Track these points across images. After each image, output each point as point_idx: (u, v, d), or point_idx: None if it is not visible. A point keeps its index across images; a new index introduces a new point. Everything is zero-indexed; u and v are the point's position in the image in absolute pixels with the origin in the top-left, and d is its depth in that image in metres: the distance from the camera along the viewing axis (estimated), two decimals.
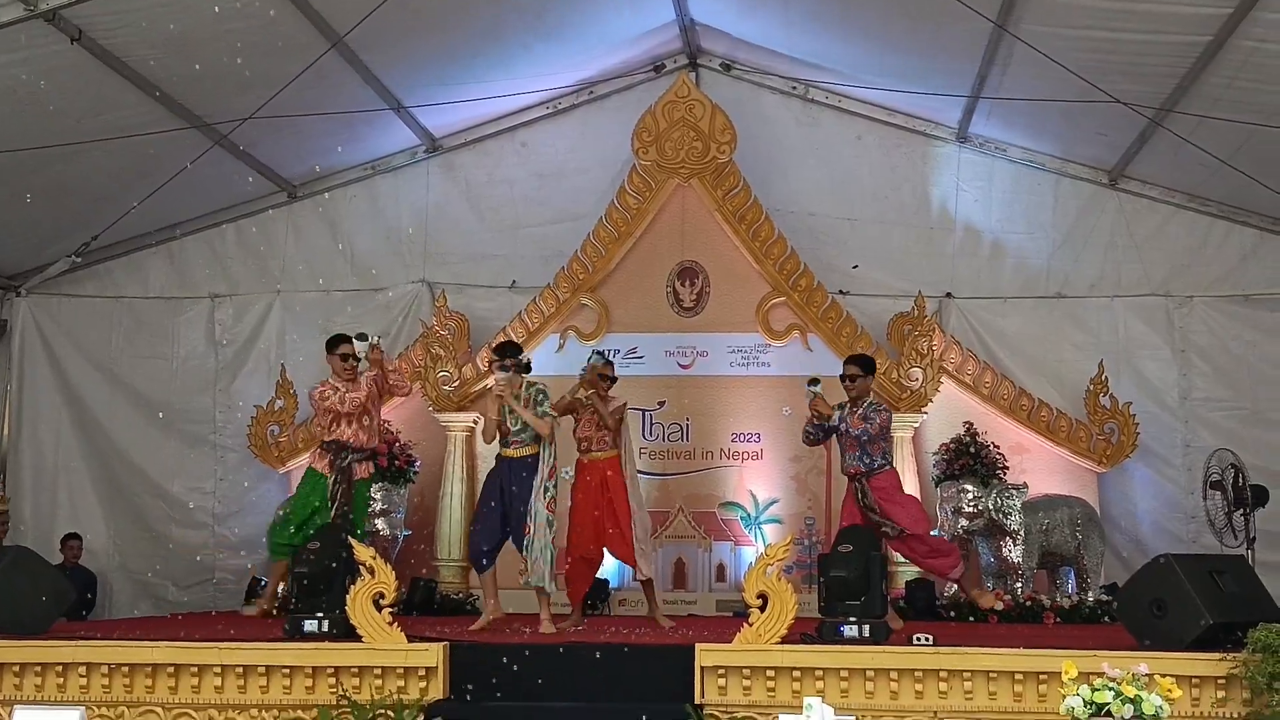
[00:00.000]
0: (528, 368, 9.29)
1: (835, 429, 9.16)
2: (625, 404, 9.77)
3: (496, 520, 9.08)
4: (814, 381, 9.27)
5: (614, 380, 9.72)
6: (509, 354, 9.14)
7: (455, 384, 11.81)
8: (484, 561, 9.12)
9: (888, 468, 9.22)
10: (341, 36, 9.89)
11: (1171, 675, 5.19)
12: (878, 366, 9.90)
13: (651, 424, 11.98)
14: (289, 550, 9.28)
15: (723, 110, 12.07)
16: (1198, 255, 11.99)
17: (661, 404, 12.00)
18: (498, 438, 9.24)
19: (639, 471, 10.49)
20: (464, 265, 12.62)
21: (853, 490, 9.22)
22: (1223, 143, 10.17)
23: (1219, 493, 10.55)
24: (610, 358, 9.93)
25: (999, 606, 10.31)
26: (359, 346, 9.49)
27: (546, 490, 9.02)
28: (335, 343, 9.64)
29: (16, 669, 7.62)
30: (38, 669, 7.60)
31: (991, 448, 11.29)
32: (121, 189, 11.06)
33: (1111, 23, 9.23)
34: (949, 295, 12.22)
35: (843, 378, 9.23)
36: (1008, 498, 10.87)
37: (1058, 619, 10.53)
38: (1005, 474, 11.23)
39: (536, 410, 9.06)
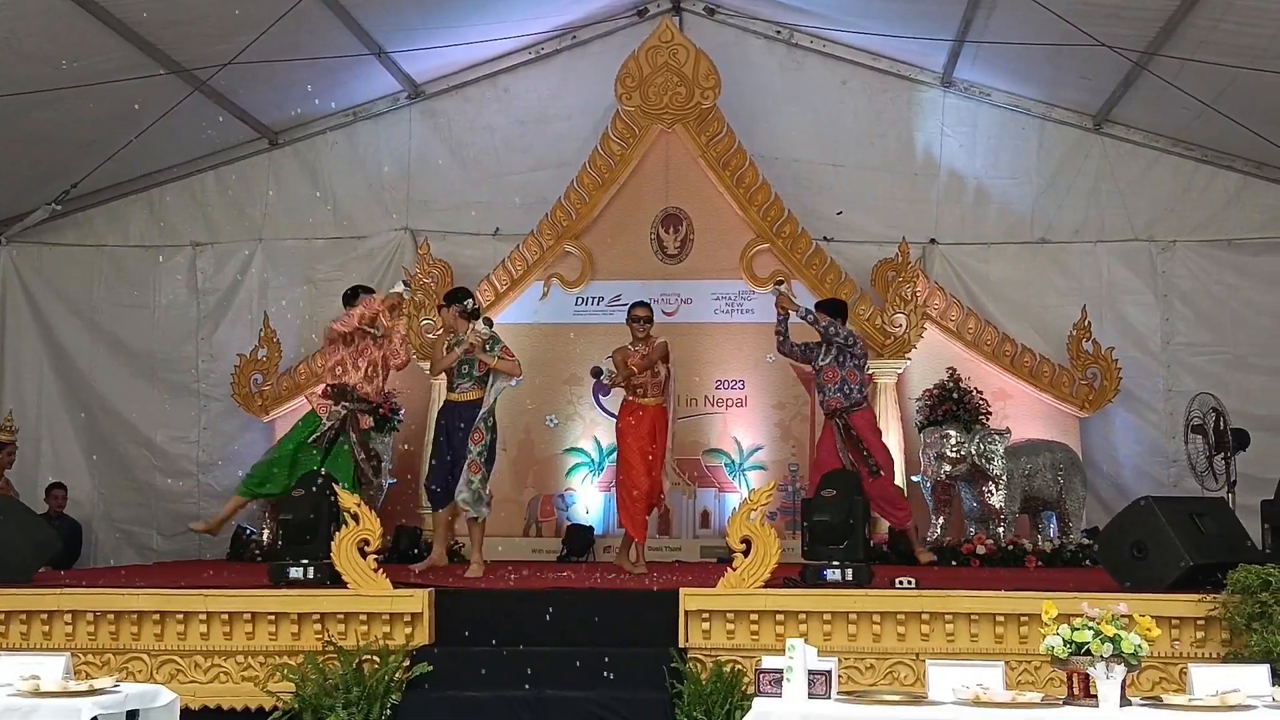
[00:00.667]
0: (478, 314, 9.33)
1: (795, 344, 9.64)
2: (665, 343, 9.95)
3: (447, 463, 9.12)
4: (780, 282, 9.77)
5: (647, 321, 9.85)
6: (472, 304, 9.26)
7: (438, 332, 11.76)
8: (435, 504, 9.26)
9: (866, 405, 9.38)
10: None
11: (1151, 616, 5.22)
12: (851, 313, 10.01)
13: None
14: (251, 494, 9.38)
15: (706, 55, 12.00)
16: (1181, 200, 11.96)
17: None
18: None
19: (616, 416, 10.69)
20: (446, 213, 12.55)
21: (832, 428, 9.38)
22: (1207, 86, 10.14)
23: (1200, 437, 10.59)
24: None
25: (933, 560, 10.33)
26: (400, 289, 9.57)
27: (486, 422, 9.02)
28: (353, 295, 9.48)
29: (1, 617, 7.63)
30: (23, 616, 7.62)
31: (974, 393, 11.29)
32: (102, 136, 10.97)
33: None
34: (933, 241, 12.20)
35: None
36: (990, 443, 10.90)
37: (1040, 563, 10.60)
38: (988, 419, 11.24)
39: (493, 354, 9.09)
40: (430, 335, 11.67)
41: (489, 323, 9.22)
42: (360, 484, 9.24)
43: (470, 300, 9.36)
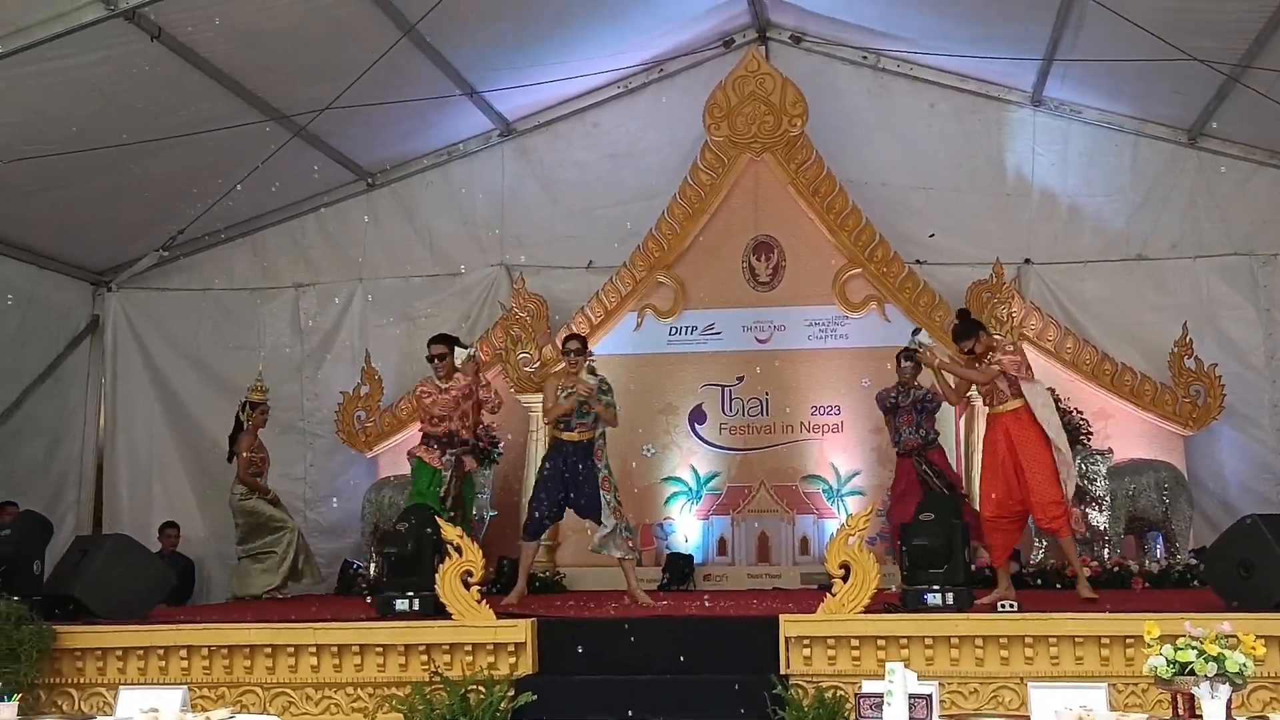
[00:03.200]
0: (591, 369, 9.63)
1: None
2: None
3: (557, 498, 9.41)
4: (917, 330, 9.47)
5: (578, 354, 9.65)
6: (585, 352, 9.59)
7: (535, 365, 11.92)
8: (531, 534, 9.52)
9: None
10: (414, 24, 10.00)
11: (1259, 635, 5.16)
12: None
13: (731, 399, 12.04)
14: None
15: (793, 83, 12.06)
16: None
17: (740, 379, 12.05)
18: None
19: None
20: (540, 247, 12.72)
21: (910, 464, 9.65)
22: None
23: None
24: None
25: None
26: (459, 354, 9.98)
27: (608, 470, 9.50)
28: (430, 343, 10.17)
29: (120, 653, 7.87)
30: (140, 652, 7.85)
31: (1075, 414, 11.14)
32: (204, 183, 11.27)
33: None
34: (1027, 261, 12.11)
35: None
36: (1093, 464, 10.79)
37: (1146, 584, 10.43)
38: (1090, 440, 11.12)
39: (604, 400, 9.42)
40: (528, 369, 11.81)
41: (593, 371, 9.44)
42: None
43: (587, 355, 9.63)
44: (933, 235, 12.23)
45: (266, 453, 11.49)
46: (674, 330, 12.19)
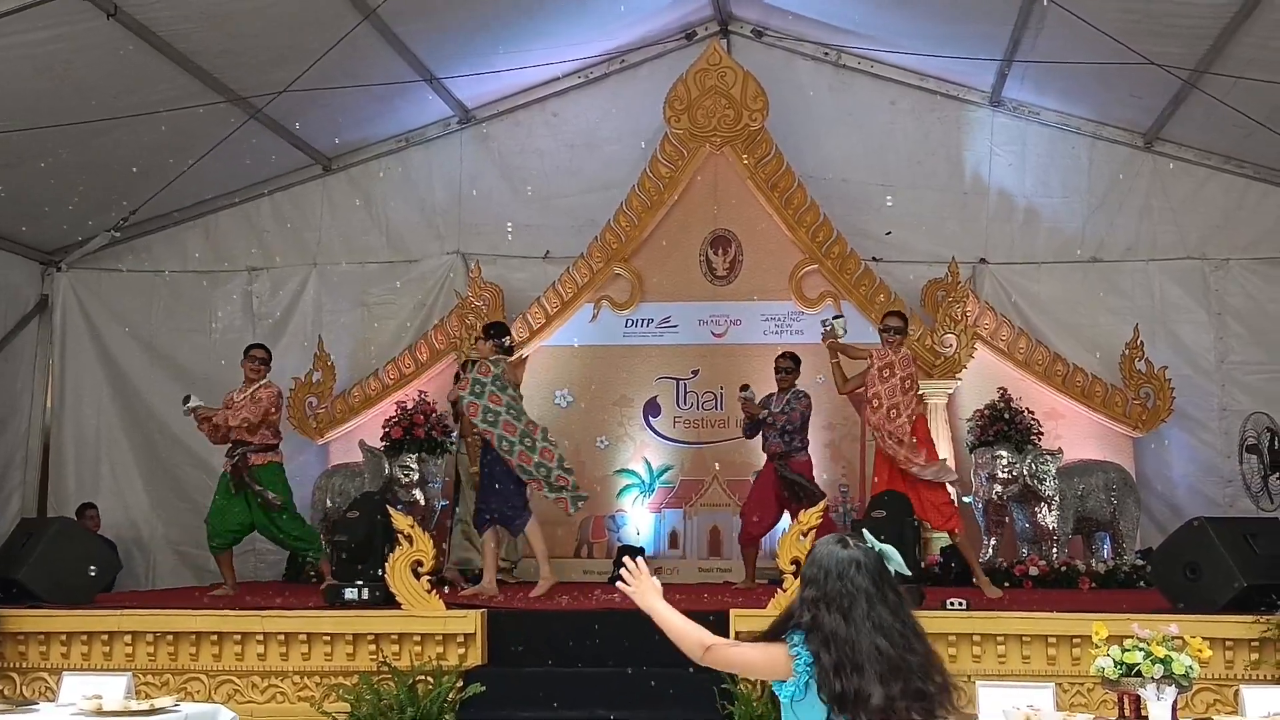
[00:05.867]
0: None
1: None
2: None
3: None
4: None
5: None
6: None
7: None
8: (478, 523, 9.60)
9: None
10: (374, 8, 9.93)
11: (1205, 637, 5.21)
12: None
13: (685, 392, 12.05)
14: (224, 549, 9.90)
15: (754, 77, 12.05)
16: (1234, 217, 11.88)
17: (695, 372, 12.06)
18: None
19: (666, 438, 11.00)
20: (497, 236, 12.64)
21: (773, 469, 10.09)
22: (1259, 104, 10.07)
23: (1255, 456, 10.49)
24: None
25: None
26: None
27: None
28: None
29: (64, 638, 7.80)
30: (84, 637, 7.79)
31: (1026, 413, 11.21)
32: (158, 163, 11.13)
33: None
34: (983, 261, 12.19)
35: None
36: (1043, 463, 10.86)
37: (1093, 584, 10.51)
38: (1040, 440, 11.17)
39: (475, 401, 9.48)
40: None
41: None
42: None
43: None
44: (890, 233, 12.28)
45: None
46: (630, 322, 12.18)
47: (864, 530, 3.50)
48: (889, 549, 3.38)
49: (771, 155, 12.01)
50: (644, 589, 3.73)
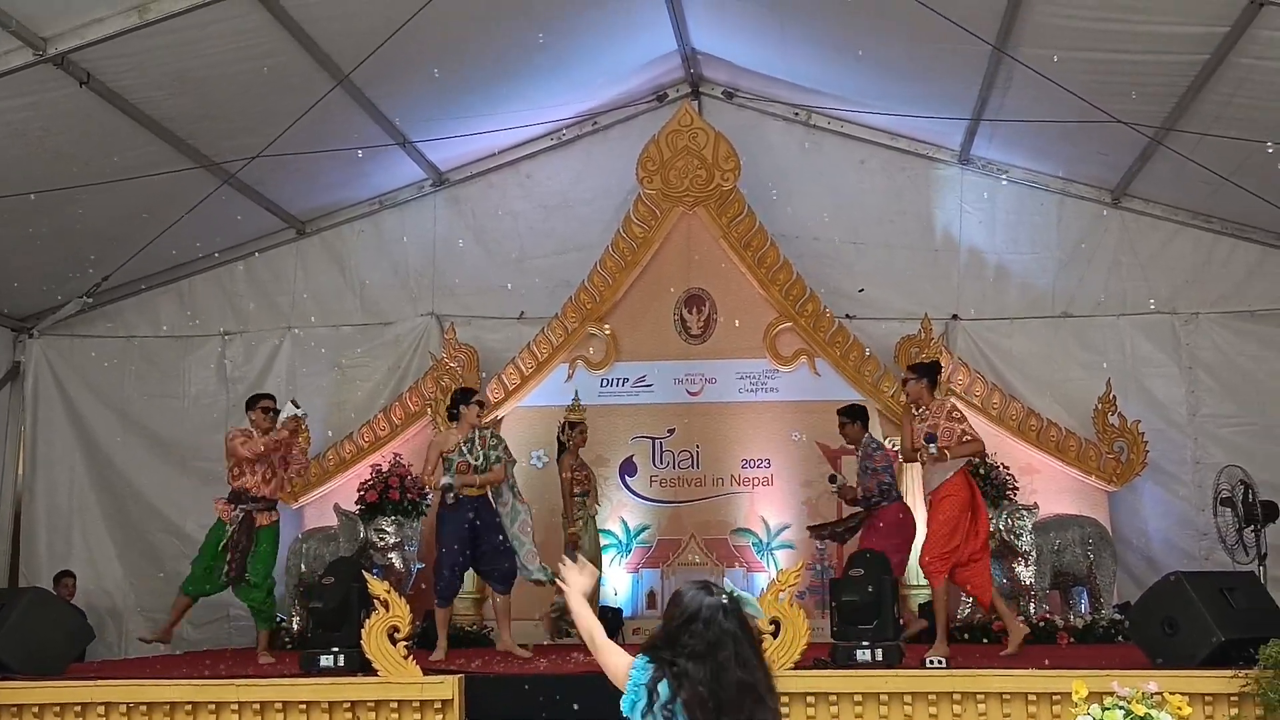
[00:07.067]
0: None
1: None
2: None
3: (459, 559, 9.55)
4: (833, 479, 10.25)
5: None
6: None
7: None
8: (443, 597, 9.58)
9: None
10: (347, 74, 9.98)
11: (1184, 693, 5.20)
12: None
13: (661, 451, 12.03)
14: (197, 593, 9.78)
15: (726, 138, 12.16)
16: (1203, 272, 12.00)
17: (671, 431, 12.04)
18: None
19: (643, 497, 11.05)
20: (472, 297, 12.70)
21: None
22: (1224, 160, 10.20)
23: (1229, 509, 10.49)
24: None
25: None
26: (285, 412, 9.87)
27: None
28: (255, 400, 9.99)
29: (36, 709, 7.68)
30: (57, 709, 7.67)
31: (1001, 469, 11.25)
32: (131, 229, 11.14)
33: (1109, 44, 9.32)
34: (955, 317, 12.26)
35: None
36: (1018, 518, 10.87)
37: (1072, 639, 10.49)
38: (1015, 495, 11.19)
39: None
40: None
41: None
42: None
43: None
44: (863, 290, 12.36)
45: (590, 471, 11.29)
46: (605, 382, 12.18)
47: (725, 579, 3.59)
48: (748, 595, 3.46)
49: (744, 215, 12.08)
50: (574, 585, 3.87)
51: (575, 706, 7.61)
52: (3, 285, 11.74)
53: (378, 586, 7.74)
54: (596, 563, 10.67)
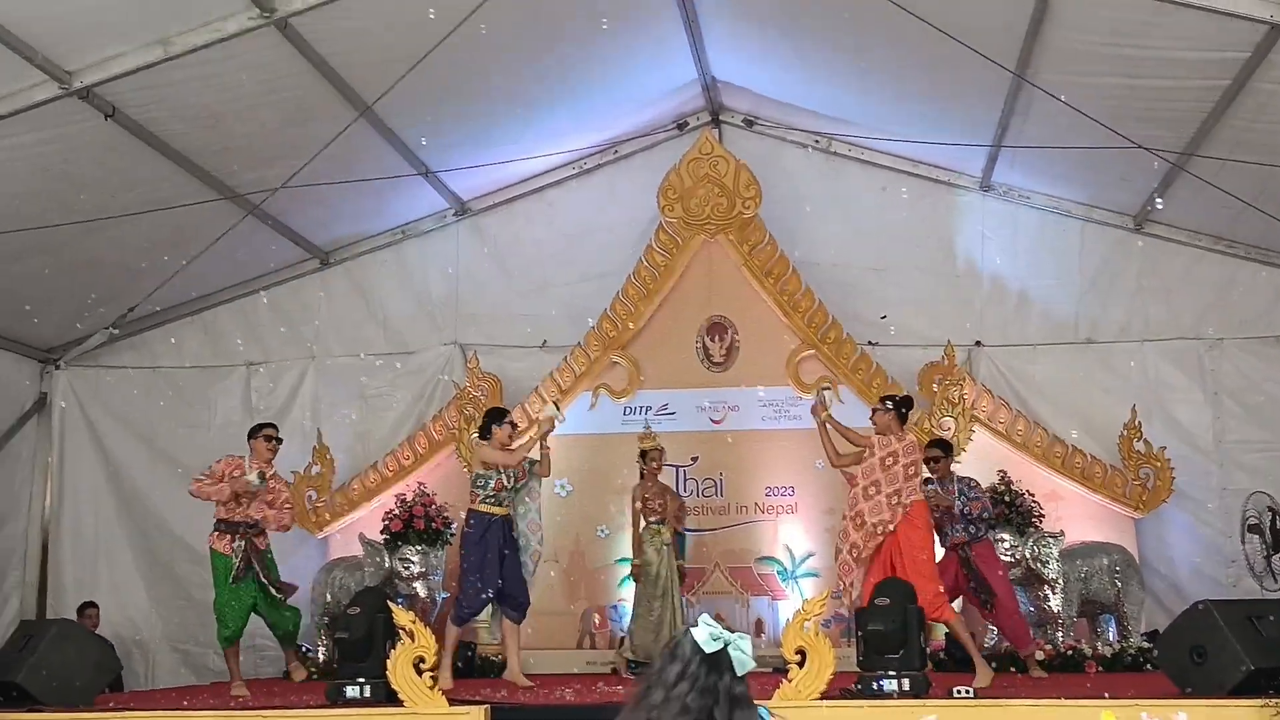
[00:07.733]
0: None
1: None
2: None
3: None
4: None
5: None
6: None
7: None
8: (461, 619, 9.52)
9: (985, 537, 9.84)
10: (369, 105, 10.05)
11: None
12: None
13: (685, 479, 12.01)
14: (234, 641, 9.52)
15: (746, 166, 12.20)
16: (1226, 297, 11.95)
17: (694, 459, 12.03)
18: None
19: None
20: (494, 326, 12.73)
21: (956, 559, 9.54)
22: (1247, 184, 10.16)
23: (1257, 536, 10.44)
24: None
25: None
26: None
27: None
28: (258, 429, 9.89)
29: None
30: None
31: (1026, 496, 11.19)
32: (156, 261, 11.21)
33: (1130, 69, 9.32)
34: (978, 343, 12.23)
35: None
36: (1045, 546, 10.82)
37: (1100, 668, 10.41)
38: (1041, 522, 11.14)
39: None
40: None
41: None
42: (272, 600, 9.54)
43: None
44: (884, 317, 12.33)
45: (667, 499, 10.86)
46: (629, 410, 12.17)
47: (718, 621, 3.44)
48: (743, 649, 3.29)
49: (765, 242, 12.11)
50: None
51: None
52: (29, 317, 11.81)
53: (403, 616, 7.73)
54: (670, 591, 10.47)
